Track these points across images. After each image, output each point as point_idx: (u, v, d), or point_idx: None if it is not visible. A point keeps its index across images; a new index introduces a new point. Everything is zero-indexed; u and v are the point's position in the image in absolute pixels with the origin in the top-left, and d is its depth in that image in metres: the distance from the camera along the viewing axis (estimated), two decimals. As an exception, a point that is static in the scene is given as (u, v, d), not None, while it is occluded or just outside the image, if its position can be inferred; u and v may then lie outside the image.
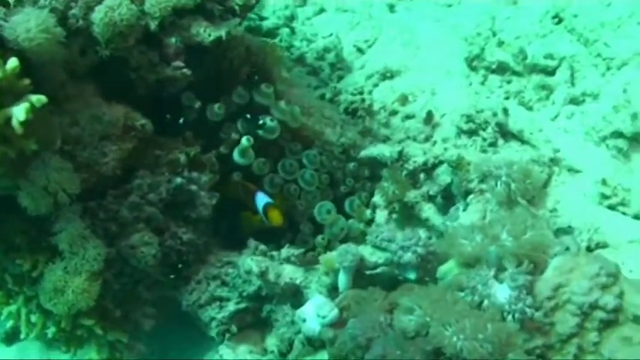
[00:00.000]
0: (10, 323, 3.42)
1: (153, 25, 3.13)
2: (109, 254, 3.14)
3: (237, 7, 3.39)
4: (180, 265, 3.35)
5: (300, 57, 4.80)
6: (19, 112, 2.61)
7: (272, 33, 5.00)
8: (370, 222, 3.77)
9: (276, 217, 3.51)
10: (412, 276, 2.99)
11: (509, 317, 2.59)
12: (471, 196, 3.37)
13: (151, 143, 3.34)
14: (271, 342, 3.34)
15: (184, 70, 3.25)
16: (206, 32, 3.22)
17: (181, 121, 3.45)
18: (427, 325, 2.57)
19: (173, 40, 3.21)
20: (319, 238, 3.65)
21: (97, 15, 2.98)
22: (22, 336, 3.46)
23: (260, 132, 3.60)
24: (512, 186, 3.20)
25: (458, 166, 3.49)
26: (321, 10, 5.33)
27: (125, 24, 3.00)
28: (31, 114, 2.63)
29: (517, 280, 2.62)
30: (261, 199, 3.58)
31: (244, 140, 3.49)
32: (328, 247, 3.64)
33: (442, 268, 2.88)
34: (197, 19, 3.26)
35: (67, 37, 2.90)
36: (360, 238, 3.71)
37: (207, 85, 3.54)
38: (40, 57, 2.81)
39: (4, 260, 3.21)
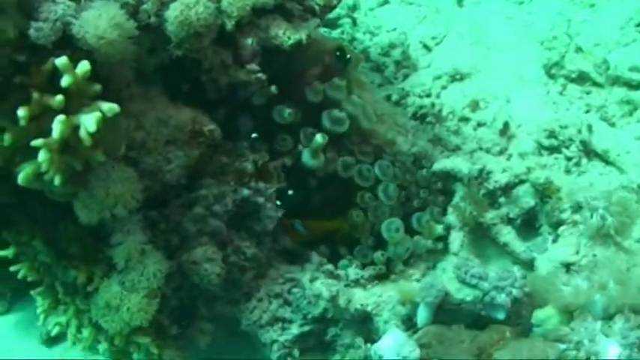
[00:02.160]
0: (55, 330, 3.20)
1: (229, 24, 2.85)
2: (170, 268, 2.91)
3: (317, 7, 3.11)
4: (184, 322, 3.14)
5: (363, 51, 4.52)
6: (89, 123, 2.38)
7: (333, 23, 4.71)
8: (440, 239, 3.49)
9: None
10: (501, 316, 2.76)
11: (618, 378, 2.35)
12: (562, 228, 3.11)
13: (217, 149, 3.08)
14: (333, 367, 3.13)
15: (259, 74, 2.98)
16: (285, 35, 2.95)
17: (254, 135, 3.17)
18: (529, 384, 2.34)
19: (249, 41, 2.94)
20: (379, 254, 3.37)
21: (172, 13, 2.71)
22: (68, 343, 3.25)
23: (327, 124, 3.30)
24: (609, 220, 2.94)
25: (545, 190, 3.23)
26: (385, 2, 5.03)
27: (202, 24, 2.73)
28: (102, 124, 2.39)
29: (628, 337, 2.38)
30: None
31: (319, 137, 3.20)
32: (389, 265, 3.38)
33: (539, 314, 2.63)
34: (276, 19, 2.99)
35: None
36: (425, 256, 3.46)
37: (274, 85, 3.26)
38: (109, 57, 2.54)
39: (55, 267, 3.00)
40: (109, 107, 2.42)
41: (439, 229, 3.44)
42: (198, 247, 2.97)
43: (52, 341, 3.66)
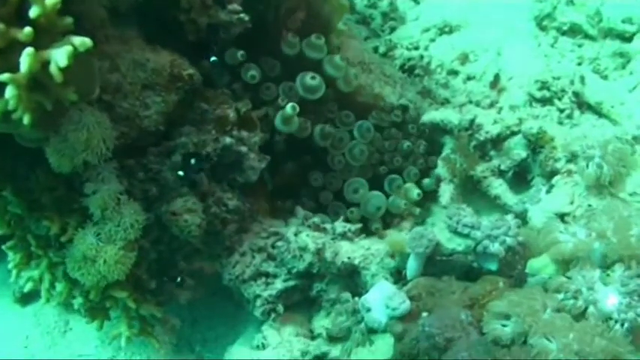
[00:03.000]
0: (28, 286, 3.05)
1: (210, -40, 2.69)
2: (148, 220, 2.76)
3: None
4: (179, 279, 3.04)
5: (348, 3, 4.34)
6: (59, 57, 2.20)
7: (316, -26, 4.53)
8: (419, 202, 3.38)
9: None
10: (493, 267, 2.65)
11: (617, 326, 2.25)
12: (557, 177, 3.00)
13: (198, 95, 2.93)
14: (319, 324, 3.01)
15: (241, 15, 2.83)
16: (268, -28, 2.80)
17: (213, 59, 2.98)
18: (525, 334, 2.23)
19: (231, -21, 2.78)
20: (348, 212, 3.28)
21: (148, -55, 2.55)
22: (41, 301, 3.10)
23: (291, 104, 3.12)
24: (605, 169, 2.82)
25: (538, 140, 3.12)
26: (372, -48, 4.85)
27: (180, -43, 2.57)
28: (73, 59, 2.23)
29: (628, 285, 2.28)
30: None
31: (289, 108, 3.06)
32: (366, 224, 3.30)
33: (534, 264, 2.53)
34: (257, -44, 2.83)
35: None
36: (404, 216, 3.36)
37: (252, 33, 3.12)
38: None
39: (27, 219, 2.84)
40: (81, 41, 2.24)
41: (415, 193, 3.32)
42: (178, 198, 2.83)
43: (25, 299, 3.55)
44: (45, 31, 2.26)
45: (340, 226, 3.04)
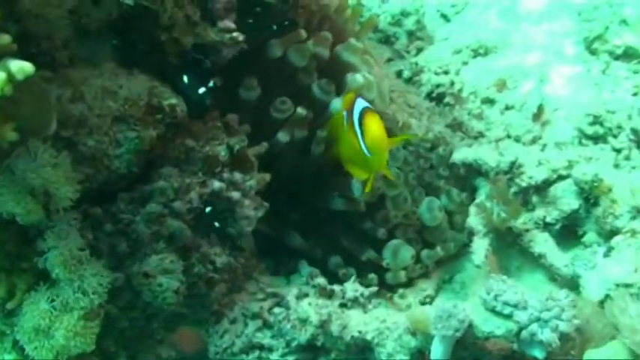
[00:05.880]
0: (-19, 351, 2.58)
1: (195, -34, 2.22)
2: (117, 281, 2.30)
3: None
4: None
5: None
6: (-11, 87, 1.73)
7: (335, -13, 4.07)
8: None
9: (375, 128, 2.31)
10: (540, 355, 2.11)
11: None
12: (618, 238, 2.47)
13: (182, 130, 2.45)
14: (324, 411, 2.50)
15: (235, 34, 2.35)
16: (270, -19, 2.32)
17: (202, 90, 2.48)
18: None
19: (223, -9, 2.31)
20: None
21: (118, -51, 2.08)
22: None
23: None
24: (681, 230, 2.30)
25: (593, 190, 2.59)
26: (397, -37, 4.39)
27: (157, -37, 2.10)
28: (9, 88, 1.75)
29: None
30: (360, 104, 2.42)
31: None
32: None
33: (592, 356, 1.99)
34: (257, -38, 2.36)
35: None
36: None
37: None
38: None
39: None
40: (19, 66, 1.77)
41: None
42: (153, 255, 2.34)
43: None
44: (-23, 54, 1.79)
45: (351, 288, 2.53)
